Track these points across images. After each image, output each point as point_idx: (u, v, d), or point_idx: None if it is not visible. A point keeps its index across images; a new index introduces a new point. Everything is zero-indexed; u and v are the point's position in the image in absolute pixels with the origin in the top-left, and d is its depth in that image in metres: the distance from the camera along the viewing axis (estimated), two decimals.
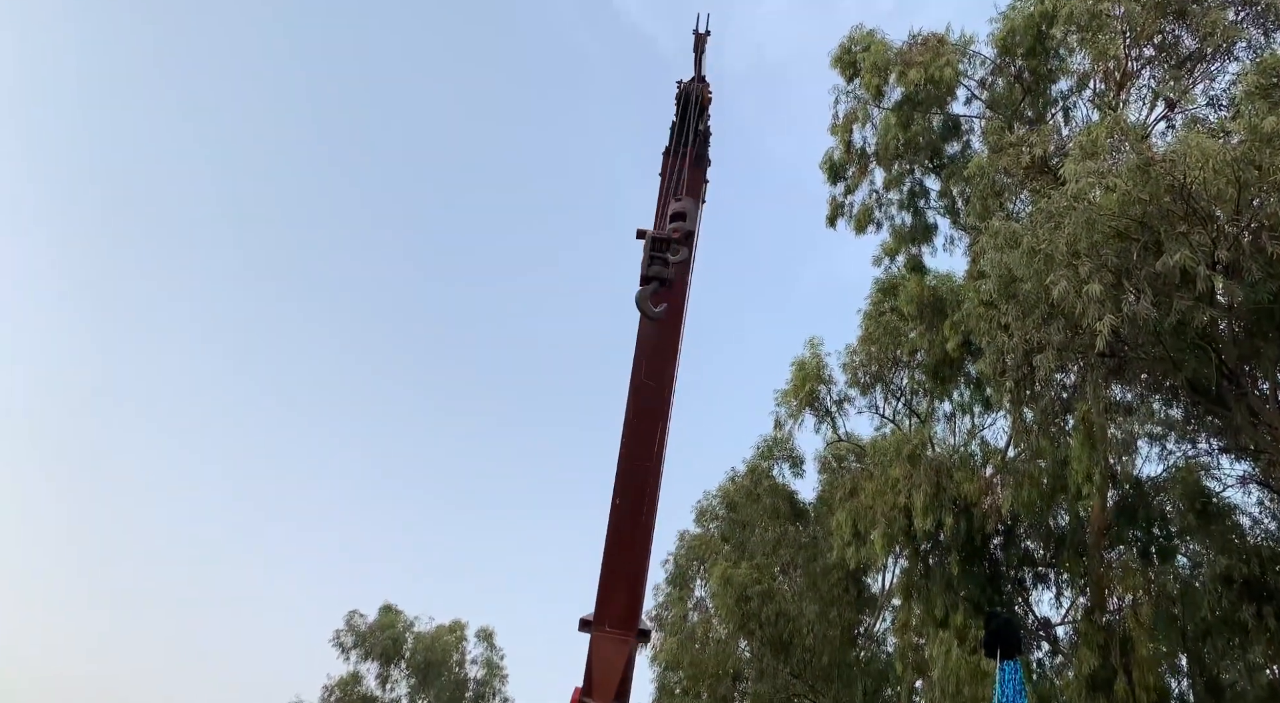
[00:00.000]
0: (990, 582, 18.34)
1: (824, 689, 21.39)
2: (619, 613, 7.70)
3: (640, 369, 8.40)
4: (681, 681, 22.66)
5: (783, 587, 21.86)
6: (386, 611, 30.39)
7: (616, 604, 7.75)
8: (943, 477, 17.38)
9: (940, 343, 18.15)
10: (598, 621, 7.72)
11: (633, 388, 8.32)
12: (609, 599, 7.76)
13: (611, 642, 7.59)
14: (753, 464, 24.14)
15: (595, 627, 7.69)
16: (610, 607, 7.74)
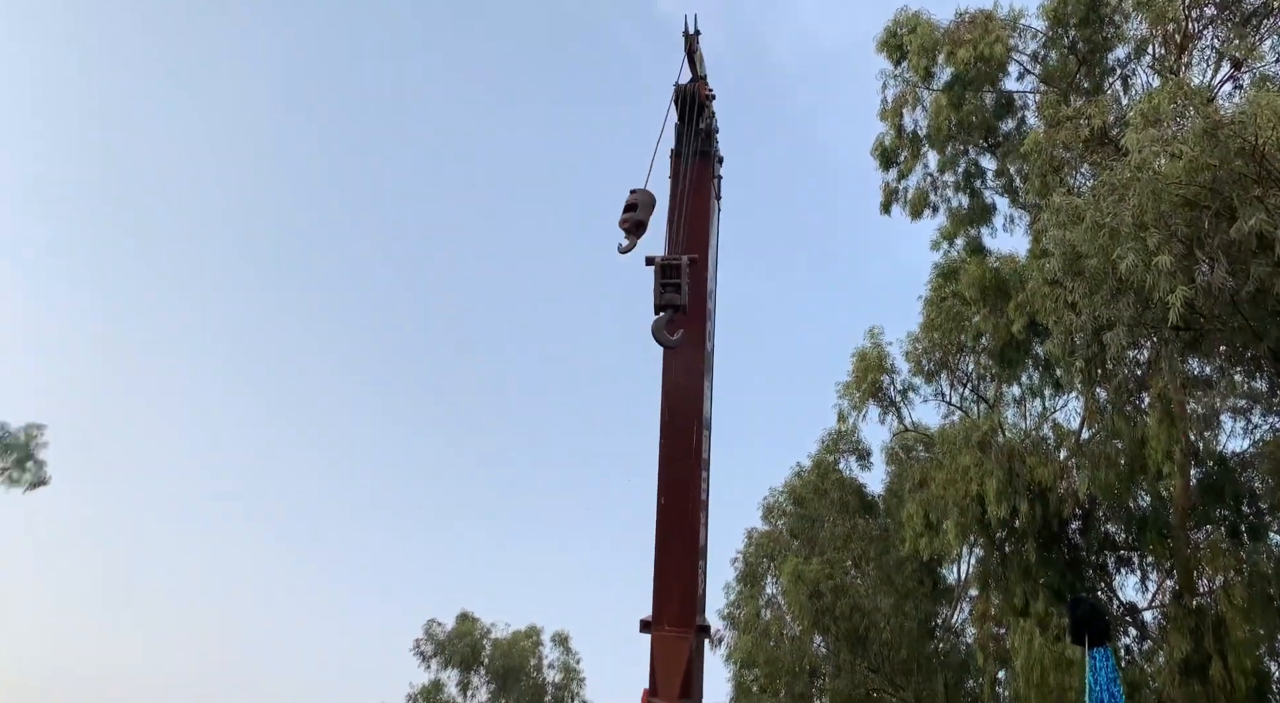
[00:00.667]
0: (1070, 568, 17.86)
1: (904, 683, 21.06)
2: (676, 612, 7.82)
3: (670, 369, 8.52)
4: (758, 678, 22.51)
5: (855, 581, 21.59)
6: (463, 618, 30.84)
7: (672, 603, 7.87)
8: (1015, 462, 16.97)
9: (1005, 326, 17.73)
10: (656, 621, 7.86)
11: (665, 389, 8.48)
12: (665, 599, 7.89)
13: (671, 640, 7.69)
14: (818, 459, 23.89)
15: (655, 627, 7.83)
16: (667, 606, 7.87)
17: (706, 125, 9.27)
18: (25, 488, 29.98)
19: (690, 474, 8.16)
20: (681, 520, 8.06)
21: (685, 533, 8.05)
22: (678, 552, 8.03)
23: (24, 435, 30.10)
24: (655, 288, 7.70)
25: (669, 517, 8.08)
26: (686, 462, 8.20)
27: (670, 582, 7.96)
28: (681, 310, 7.68)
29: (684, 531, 8.06)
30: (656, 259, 7.78)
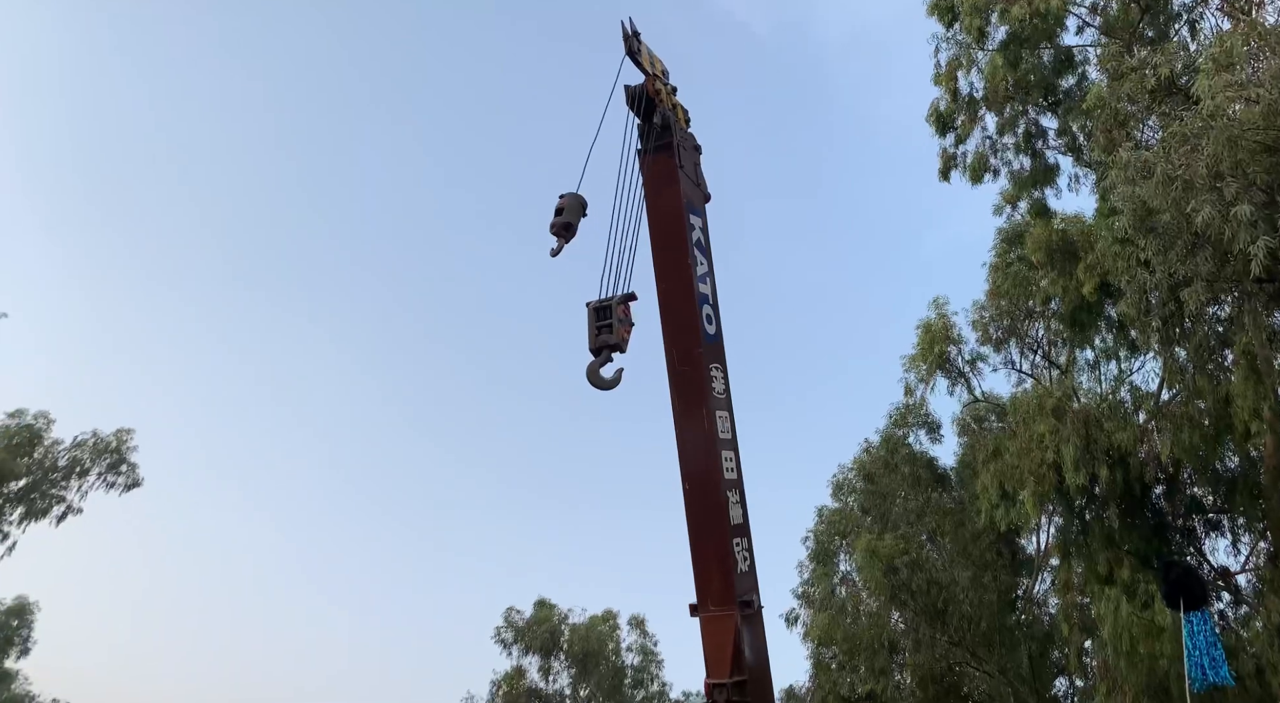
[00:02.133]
0: (1156, 533, 17.37)
1: (986, 656, 20.75)
2: (716, 591, 7.89)
3: (672, 355, 8.64)
4: (836, 655, 22.38)
5: (931, 555, 21.29)
6: (541, 605, 31.26)
7: (712, 584, 7.95)
8: (1092, 428, 16.53)
9: (1075, 288, 17.23)
10: (701, 604, 7.96)
11: (670, 374, 8.59)
12: (705, 581, 7.99)
13: (716, 620, 7.78)
14: (887, 434, 23.57)
15: (700, 610, 7.93)
16: (708, 588, 7.96)
17: (662, 119, 9.38)
18: (121, 491, 31.25)
19: (709, 459, 8.23)
20: (708, 504, 8.15)
21: (713, 516, 8.13)
22: (709, 535, 8.13)
23: (115, 440, 31.34)
24: (589, 332, 8.15)
25: (695, 502, 8.21)
26: (702, 445, 8.29)
27: (707, 564, 8.05)
28: (618, 348, 8.07)
29: (712, 514, 8.13)
30: (589, 304, 8.24)
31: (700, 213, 9.58)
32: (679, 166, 9.32)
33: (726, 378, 8.89)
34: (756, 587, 8.26)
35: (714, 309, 9.09)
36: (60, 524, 30.49)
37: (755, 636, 8.07)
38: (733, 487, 8.33)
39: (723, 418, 8.55)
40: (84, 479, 30.89)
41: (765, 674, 8.10)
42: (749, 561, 8.24)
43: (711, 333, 8.90)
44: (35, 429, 29.93)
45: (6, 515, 29.40)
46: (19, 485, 29.54)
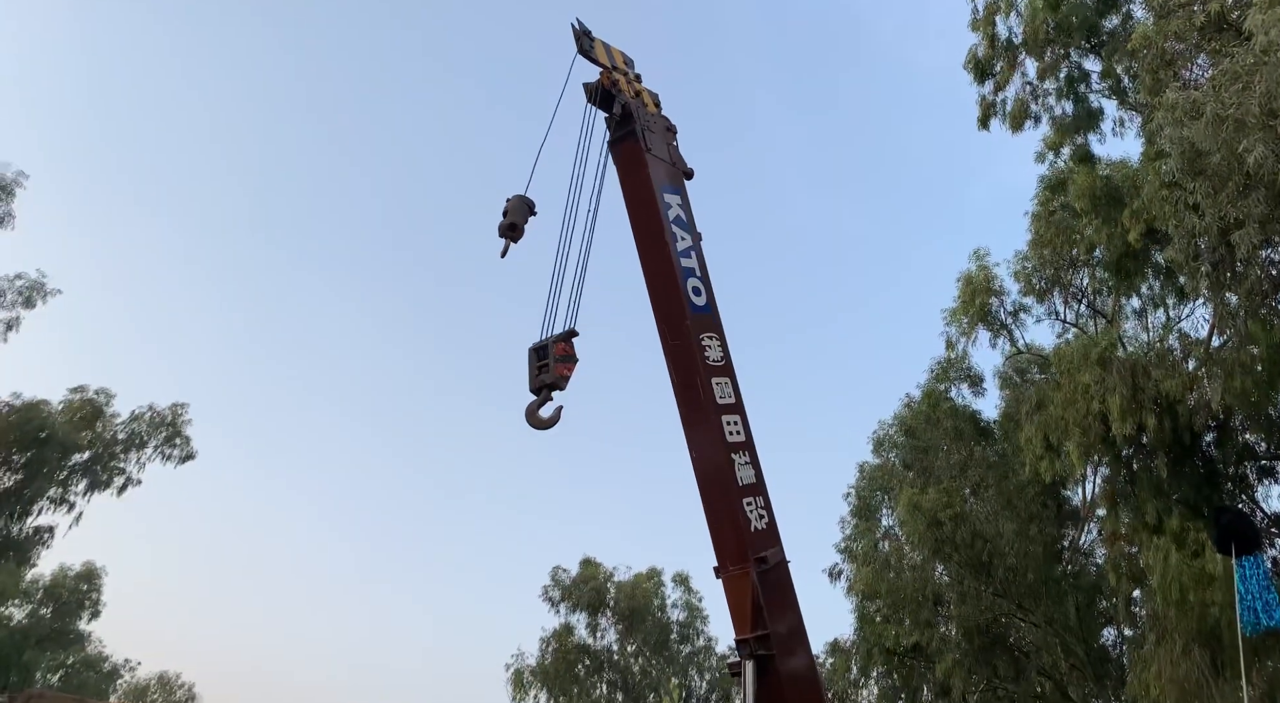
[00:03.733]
0: (1207, 481, 17.16)
1: (1032, 607, 20.74)
2: (732, 551, 8.16)
3: (663, 330, 8.94)
4: (880, 609, 22.51)
5: (975, 508, 21.23)
6: (586, 564, 31.80)
7: (728, 544, 8.22)
8: (1139, 377, 16.29)
9: (1120, 235, 16.85)
10: (720, 564, 8.25)
11: (665, 351, 8.88)
12: (720, 542, 8.27)
13: (735, 579, 8.05)
14: (928, 389, 23.41)
15: (720, 571, 8.22)
16: (724, 548, 8.24)
17: (621, 108, 9.64)
18: (177, 463, 32.26)
19: (709, 427, 8.47)
20: (715, 468, 8.40)
21: (720, 479, 8.36)
22: (718, 497, 8.38)
23: (171, 414, 32.31)
24: (530, 372, 8.49)
25: (700, 468, 8.52)
26: (701, 414, 8.55)
27: (720, 526, 8.31)
28: (556, 387, 8.38)
29: (719, 477, 8.37)
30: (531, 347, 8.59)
31: (678, 190, 9.76)
32: (646, 150, 9.54)
33: (724, 345, 9.03)
34: (778, 542, 8.41)
35: (703, 281, 9.25)
36: (122, 495, 31.65)
37: (781, 590, 8.24)
38: (739, 448, 8.50)
39: (721, 384, 8.72)
40: (142, 452, 31.99)
41: (796, 626, 8.27)
42: (766, 518, 8.39)
43: (701, 304, 9.07)
44: (97, 404, 30.92)
45: (72, 487, 30.52)
46: (82, 458, 30.62)
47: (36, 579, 35.34)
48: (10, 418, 28.45)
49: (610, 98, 9.67)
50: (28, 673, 35.47)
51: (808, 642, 8.43)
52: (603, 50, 10.02)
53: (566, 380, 8.47)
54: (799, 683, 7.99)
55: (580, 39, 9.88)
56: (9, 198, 26.73)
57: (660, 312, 9.05)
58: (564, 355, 8.53)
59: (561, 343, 8.57)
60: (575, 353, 8.65)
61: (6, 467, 29.26)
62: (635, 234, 9.37)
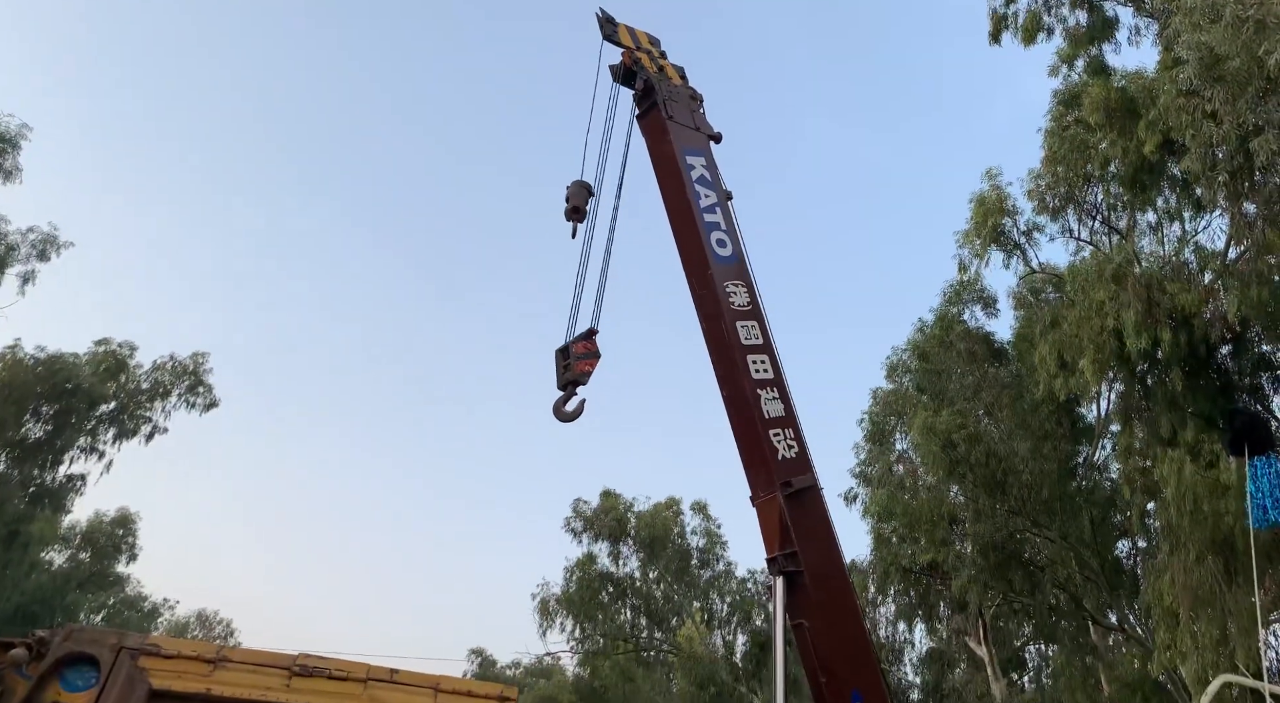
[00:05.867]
0: (1222, 393, 17.21)
1: (1047, 523, 21.03)
2: (761, 479, 8.76)
3: (691, 281, 9.68)
4: (896, 529, 22.87)
5: (989, 429, 21.38)
6: (606, 495, 32.33)
7: (758, 473, 8.82)
8: (1154, 291, 16.23)
9: (1136, 148, 16.58)
10: (753, 492, 8.88)
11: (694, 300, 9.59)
12: (751, 471, 8.89)
13: (765, 504, 8.66)
14: (941, 312, 23.36)
15: (753, 500, 8.86)
16: (754, 478, 8.86)
17: (644, 83, 10.52)
18: (201, 411, 32.82)
19: (736, 366, 9.12)
20: (742, 403, 8.99)
21: (746, 414, 8.96)
22: (746, 430, 8.98)
23: (192, 363, 32.76)
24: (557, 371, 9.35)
25: (731, 404, 9.15)
26: (727, 353, 9.21)
27: (750, 456, 8.91)
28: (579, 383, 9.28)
29: (745, 412, 8.98)
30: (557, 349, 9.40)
31: (702, 153, 10.51)
32: (668, 117, 10.36)
33: (751, 291, 9.65)
34: (808, 470, 8.86)
35: (729, 234, 9.92)
36: (149, 443, 32.29)
37: (811, 512, 8.68)
38: (766, 385, 9.09)
39: (747, 326, 9.34)
40: (166, 400, 32.53)
41: (827, 545, 8.71)
42: (796, 448, 8.87)
43: (726, 255, 9.74)
44: (120, 356, 31.35)
45: (101, 436, 31.15)
46: (109, 408, 31.18)
47: (73, 525, 36.36)
48: (37, 370, 28.91)
49: (633, 75, 10.61)
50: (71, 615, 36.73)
51: (839, 561, 8.87)
52: (626, 33, 11.00)
53: (589, 375, 9.35)
54: (829, 598, 8.34)
55: (604, 25, 10.91)
56: (15, 151, 26.67)
57: (688, 265, 9.76)
58: (585, 352, 9.38)
59: (582, 342, 9.39)
60: (597, 348, 9.50)
61: (36, 418, 29.85)
62: (663, 196, 10.13)
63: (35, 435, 30.01)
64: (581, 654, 31.12)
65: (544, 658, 34.56)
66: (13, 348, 28.77)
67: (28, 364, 28.90)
